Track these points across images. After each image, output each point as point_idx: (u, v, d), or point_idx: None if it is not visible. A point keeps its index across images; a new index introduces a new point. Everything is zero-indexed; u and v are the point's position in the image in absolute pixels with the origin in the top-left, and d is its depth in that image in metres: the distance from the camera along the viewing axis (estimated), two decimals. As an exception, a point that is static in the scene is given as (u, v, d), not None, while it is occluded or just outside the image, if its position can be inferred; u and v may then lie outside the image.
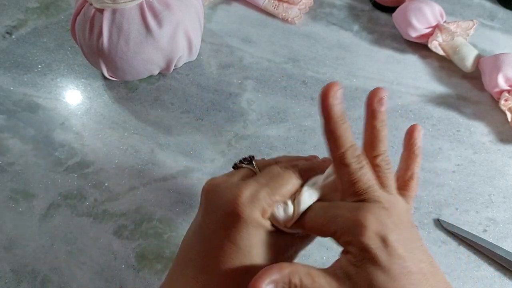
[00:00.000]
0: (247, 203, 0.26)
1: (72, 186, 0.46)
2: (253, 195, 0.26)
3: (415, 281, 0.23)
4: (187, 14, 0.47)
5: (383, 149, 0.29)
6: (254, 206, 0.26)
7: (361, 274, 0.23)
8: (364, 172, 0.27)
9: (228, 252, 0.26)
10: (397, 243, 0.24)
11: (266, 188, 0.27)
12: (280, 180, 0.27)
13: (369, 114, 0.29)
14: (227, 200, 0.26)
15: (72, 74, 0.54)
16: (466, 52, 0.52)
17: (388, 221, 0.24)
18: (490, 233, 0.43)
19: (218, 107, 0.51)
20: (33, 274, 0.41)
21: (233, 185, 0.27)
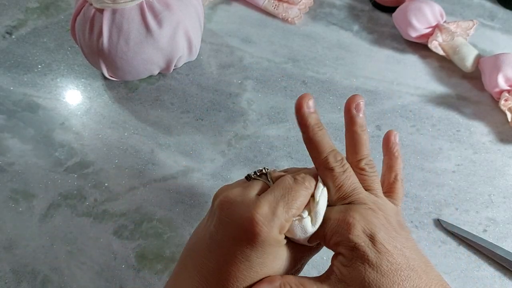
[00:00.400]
0: (266, 222, 0.25)
1: (72, 186, 0.46)
2: (271, 212, 0.25)
3: (406, 277, 0.24)
4: (187, 14, 0.47)
5: (365, 152, 0.29)
6: (273, 225, 0.25)
7: (352, 274, 0.24)
8: (348, 175, 0.27)
9: (241, 268, 0.25)
10: (385, 241, 0.24)
11: (282, 203, 0.26)
12: (294, 192, 0.27)
13: (348, 120, 0.30)
14: (245, 216, 0.26)
15: (72, 74, 0.54)
16: (466, 52, 0.52)
17: (375, 221, 0.25)
18: (490, 233, 0.43)
19: (218, 107, 0.51)
20: (33, 274, 0.41)
21: (250, 201, 0.26)
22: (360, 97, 0.29)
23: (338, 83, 0.53)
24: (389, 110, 0.51)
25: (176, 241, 0.43)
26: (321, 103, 0.52)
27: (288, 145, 0.49)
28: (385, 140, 0.34)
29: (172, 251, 0.42)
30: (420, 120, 0.50)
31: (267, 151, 0.48)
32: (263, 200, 0.26)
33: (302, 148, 0.48)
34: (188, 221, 0.44)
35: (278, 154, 0.48)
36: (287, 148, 0.48)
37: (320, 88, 0.53)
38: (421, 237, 0.43)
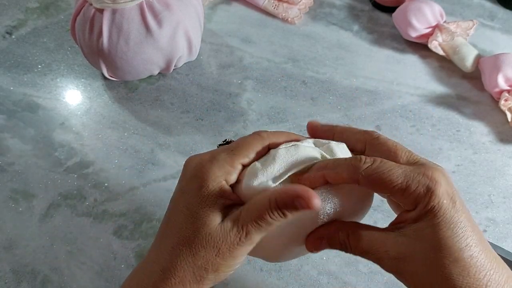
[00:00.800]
0: (206, 164, 0.25)
1: (72, 186, 0.46)
2: (212, 157, 0.25)
3: (478, 240, 0.24)
4: (187, 14, 0.47)
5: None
6: (211, 167, 0.25)
7: (426, 230, 0.24)
8: (398, 143, 0.29)
9: (181, 218, 0.25)
10: (461, 203, 0.25)
11: (227, 150, 0.26)
12: (242, 142, 0.26)
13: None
14: (193, 165, 0.26)
15: (72, 74, 0.54)
16: (466, 52, 0.52)
17: (452, 185, 0.25)
18: (490, 233, 0.43)
19: (218, 107, 0.51)
20: (33, 274, 0.41)
21: (203, 153, 0.27)
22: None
23: (338, 83, 0.53)
24: (389, 110, 0.51)
25: (176, 241, 0.43)
26: (321, 103, 0.52)
27: (288, 145, 0.49)
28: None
29: (172, 251, 0.42)
30: (420, 120, 0.50)
31: (267, 151, 0.48)
32: (216, 149, 0.26)
33: (302, 148, 0.48)
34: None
35: (278, 154, 0.48)
36: (287, 148, 0.48)
37: (320, 88, 0.53)
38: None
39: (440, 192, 0.24)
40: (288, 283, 0.40)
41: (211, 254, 0.24)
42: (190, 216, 0.24)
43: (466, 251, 0.23)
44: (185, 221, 0.24)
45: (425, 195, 0.24)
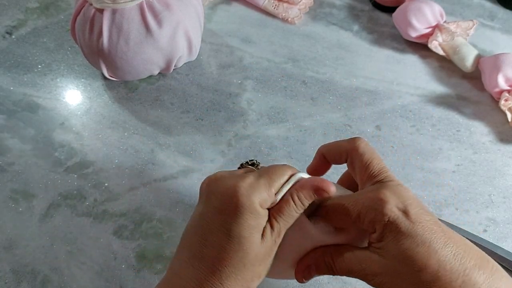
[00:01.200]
0: (246, 190, 0.26)
1: (72, 186, 0.46)
2: (252, 183, 0.27)
3: (443, 244, 0.25)
4: (187, 14, 0.47)
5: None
6: (253, 194, 0.26)
7: (388, 247, 0.25)
8: (375, 155, 0.29)
9: (223, 240, 0.26)
10: (418, 213, 0.25)
11: (265, 178, 0.27)
12: (277, 171, 0.28)
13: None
14: (228, 187, 0.27)
15: (72, 74, 0.54)
16: (466, 52, 0.52)
17: (406, 195, 0.26)
18: (490, 233, 0.43)
19: (218, 107, 0.51)
20: (33, 274, 0.41)
21: (235, 176, 0.28)
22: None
23: (338, 83, 0.53)
24: (389, 110, 0.51)
25: (176, 241, 0.43)
26: (321, 103, 0.52)
27: (288, 145, 0.49)
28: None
29: (172, 251, 0.42)
30: (420, 120, 0.50)
31: (267, 151, 0.48)
32: (247, 175, 0.27)
33: (302, 148, 0.48)
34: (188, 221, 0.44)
35: (278, 154, 0.48)
36: (287, 148, 0.48)
37: (320, 88, 0.53)
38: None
39: (387, 209, 0.25)
40: (288, 282, 0.40)
41: (257, 267, 0.27)
42: (233, 239, 0.26)
43: (432, 258, 0.24)
44: (228, 243, 0.26)
45: (375, 217, 0.26)
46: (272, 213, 0.27)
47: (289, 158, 0.48)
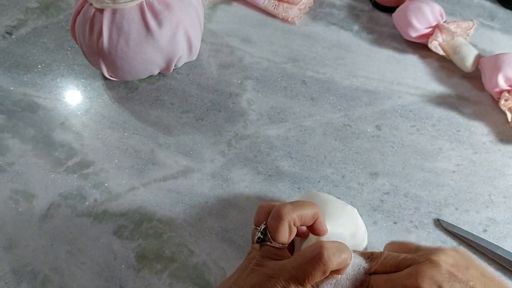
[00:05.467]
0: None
1: (72, 186, 0.46)
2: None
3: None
4: (187, 14, 0.47)
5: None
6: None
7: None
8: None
9: None
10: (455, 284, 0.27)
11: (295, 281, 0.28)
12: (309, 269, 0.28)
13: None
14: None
15: (72, 74, 0.54)
16: (466, 52, 0.52)
17: (444, 271, 0.28)
18: (490, 233, 0.43)
19: (218, 107, 0.51)
20: (33, 274, 0.41)
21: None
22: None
23: (338, 83, 0.53)
24: (389, 110, 0.51)
25: (176, 241, 0.43)
26: (321, 103, 0.52)
27: (288, 145, 0.49)
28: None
29: (172, 251, 0.42)
30: (420, 120, 0.50)
31: (267, 151, 0.48)
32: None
33: (302, 148, 0.48)
34: (188, 221, 0.44)
35: (278, 154, 0.48)
36: (287, 148, 0.48)
37: (320, 88, 0.53)
38: (421, 237, 0.43)
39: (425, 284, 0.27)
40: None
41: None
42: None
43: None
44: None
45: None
46: None
47: (289, 158, 0.48)
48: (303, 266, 0.27)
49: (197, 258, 0.42)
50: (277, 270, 0.28)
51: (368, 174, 0.47)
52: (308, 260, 0.28)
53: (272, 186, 0.46)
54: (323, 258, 0.27)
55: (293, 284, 0.27)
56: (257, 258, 0.30)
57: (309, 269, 0.27)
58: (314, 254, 0.28)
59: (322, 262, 0.27)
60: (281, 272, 0.28)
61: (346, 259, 0.28)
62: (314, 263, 0.27)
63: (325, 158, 0.48)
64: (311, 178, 0.46)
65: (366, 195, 0.45)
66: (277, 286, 0.27)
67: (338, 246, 0.29)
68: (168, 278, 0.41)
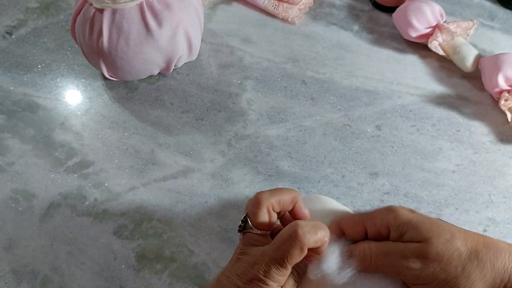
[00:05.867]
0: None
1: (72, 186, 0.46)
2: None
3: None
4: (187, 14, 0.47)
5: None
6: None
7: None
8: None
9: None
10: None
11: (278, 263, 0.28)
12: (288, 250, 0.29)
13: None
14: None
15: (72, 74, 0.54)
16: (466, 52, 0.52)
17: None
18: (490, 233, 0.43)
19: (218, 107, 0.51)
20: (33, 274, 0.41)
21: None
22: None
23: (338, 83, 0.53)
24: (389, 110, 0.51)
25: (176, 241, 0.43)
26: (321, 103, 0.52)
27: (288, 145, 0.49)
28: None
29: (172, 251, 0.42)
30: (420, 120, 0.50)
31: (267, 151, 0.48)
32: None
33: (302, 148, 0.48)
34: (188, 221, 0.44)
35: (278, 154, 0.48)
36: (287, 148, 0.48)
37: (320, 88, 0.53)
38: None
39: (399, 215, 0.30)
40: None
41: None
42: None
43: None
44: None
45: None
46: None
47: (289, 158, 0.48)
48: (281, 247, 0.28)
49: (197, 258, 0.42)
50: (258, 256, 0.29)
51: (368, 174, 0.47)
52: (285, 240, 0.28)
53: (272, 186, 0.46)
54: (298, 235, 0.28)
55: (274, 266, 0.28)
56: (240, 247, 0.31)
57: (286, 248, 0.28)
58: (289, 233, 0.28)
59: (298, 239, 0.28)
60: (262, 257, 0.28)
61: (323, 237, 0.29)
62: (291, 241, 0.28)
63: (325, 158, 0.48)
64: (311, 178, 0.46)
65: (366, 195, 0.45)
66: (260, 271, 0.28)
67: (314, 224, 0.29)
68: (168, 278, 0.41)
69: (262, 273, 0.28)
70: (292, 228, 0.28)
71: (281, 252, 0.28)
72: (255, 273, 0.28)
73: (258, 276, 0.28)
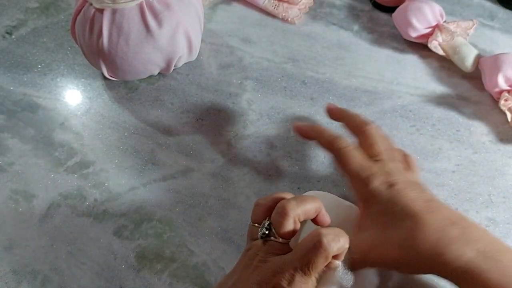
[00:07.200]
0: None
1: (72, 186, 0.46)
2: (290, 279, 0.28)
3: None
4: (187, 14, 0.47)
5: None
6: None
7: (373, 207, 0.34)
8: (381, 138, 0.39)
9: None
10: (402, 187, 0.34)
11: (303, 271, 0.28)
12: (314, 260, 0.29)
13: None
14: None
15: (72, 74, 0.54)
16: (466, 52, 0.52)
17: (394, 175, 0.36)
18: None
19: (218, 107, 0.51)
20: (33, 274, 0.41)
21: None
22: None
23: (338, 83, 0.53)
24: (389, 110, 0.51)
25: (176, 241, 0.43)
26: (321, 103, 0.52)
27: (288, 145, 0.49)
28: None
29: (172, 251, 0.42)
30: (420, 120, 0.50)
31: (267, 151, 0.48)
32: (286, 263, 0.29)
33: (302, 148, 0.48)
34: (188, 221, 0.44)
35: (278, 154, 0.48)
36: (287, 148, 0.48)
37: (320, 88, 0.53)
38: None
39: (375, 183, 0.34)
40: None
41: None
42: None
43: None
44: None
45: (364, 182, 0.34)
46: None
47: (289, 158, 0.48)
48: (306, 256, 0.28)
49: (197, 258, 0.42)
50: (281, 264, 0.28)
51: (368, 174, 0.47)
52: (309, 249, 0.28)
53: (272, 186, 0.46)
54: (323, 245, 0.28)
55: (298, 275, 0.28)
56: (260, 255, 0.30)
57: (311, 257, 0.28)
58: (314, 242, 0.28)
59: (323, 248, 0.28)
60: (285, 266, 0.28)
61: (344, 243, 0.29)
62: (316, 251, 0.28)
63: (325, 158, 0.48)
64: (311, 178, 0.46)
65: (366, 195, 0.45)
66: (283, 280, 0.28)
67: (335, 231, 0.29)
68: (168, 278, 0.41)
69: (286, 282, 0.28)
70: (316, 237, 0.28)
71: (306, 261, 0.28)
72: (278, 282, 0.28)
73: (281, 285, 0.28)
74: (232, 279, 0.30)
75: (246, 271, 0.30)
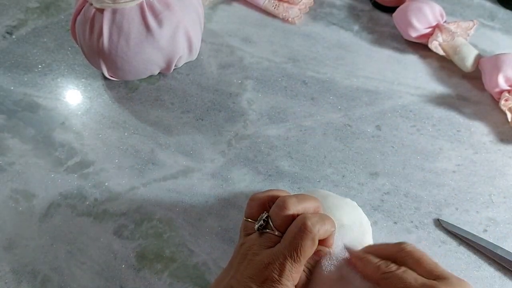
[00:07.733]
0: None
1: (72, 186, 0.46)
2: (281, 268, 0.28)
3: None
4: (187, 14, 0.47)
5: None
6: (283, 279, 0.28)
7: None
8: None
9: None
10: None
11: (293, 258, 0.28)
12: (304, 247, 0.29)
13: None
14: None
15: (72, 74, 0.54)
16: (466, 52, 0.52)
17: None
18: (490, 233, 0.43)
19: (218, 107, 0.51)
20: (33, 274, 0.41)
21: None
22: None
23: (338, 83, 0.53)
24: (389, 110, 0.51)
25: (176, 241, 0.43)
26: (321, 103, 0.52)
27: (288, 145, 0.49)
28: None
29: (172, 251, 0.42)
30: (420, 120, 0.50)
31: (267, 151, 0.48)
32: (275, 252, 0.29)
33: (302, 148, 0.48)
34: (188, 221, 0.44)
35: (278, 154, 0.48)
36: (287, 148, 0.48)
37: (320, 88, 0.53)
38: (421, 237, 0.43)
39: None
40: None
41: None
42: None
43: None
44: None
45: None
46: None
47: (289, 158, 0.48)
48: (293, 241, 0.28)
49: (197, 258, 0.42)
50: (271, 255, 0.29)
51: (368, 174, 0.47)
52: (295, 233, 0.28)
53: (272, 186, 0.46)
54: (308, 227, 0.28)
55: (288, 263, 0.28)
56: (254, 249, 0.30)
57: (298, 241, 0.28)
58: (298, 226, 0.29)
59: (308, 229, 0.28)
60: (275, 256, 0.28)
61: (330, 226, 0.30)
62: (302, 234, 0.28)
63: (325, 158, 0.48)
64: (311, 178, 0.46)
65: (366, 195, 0.45)
66: (275, 271, 0.28)
67: (320, 215, 0.30)
68: (168, 278, 0.41)
69: (277, 272, 0.28)
70: (301, 221, 0.29)
71: (293, 247, 0.28)
72: (270, 273, 0.28)
73: (272, 276, 0.28)
74: (229, 274, 0.31)
75: (241, 266, 0.30)
